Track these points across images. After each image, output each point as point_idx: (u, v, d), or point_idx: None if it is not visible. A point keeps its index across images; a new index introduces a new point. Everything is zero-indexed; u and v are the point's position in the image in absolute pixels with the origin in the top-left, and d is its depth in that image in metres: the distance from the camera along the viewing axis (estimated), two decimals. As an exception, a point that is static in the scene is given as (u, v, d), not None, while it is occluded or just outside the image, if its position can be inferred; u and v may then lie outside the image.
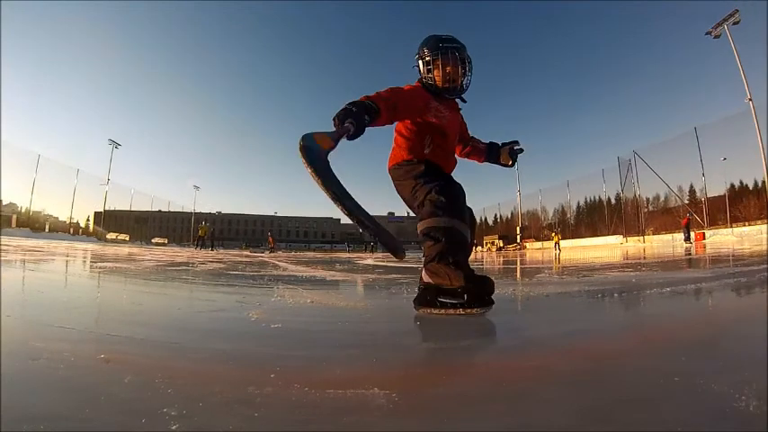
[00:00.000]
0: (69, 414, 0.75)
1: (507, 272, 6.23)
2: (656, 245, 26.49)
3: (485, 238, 60.07)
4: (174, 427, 0.69)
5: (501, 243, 54.85)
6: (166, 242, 60.31)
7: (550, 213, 57.61)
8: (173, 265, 6.69)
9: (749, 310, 1.91)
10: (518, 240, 50.77)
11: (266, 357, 1.20)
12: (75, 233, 49.13)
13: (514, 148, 2.57)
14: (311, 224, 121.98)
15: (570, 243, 40.25)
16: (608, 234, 40.78)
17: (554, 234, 34.01)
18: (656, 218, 40.39)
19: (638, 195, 39.52)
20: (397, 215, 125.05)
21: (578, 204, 54.34)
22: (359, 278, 4.76)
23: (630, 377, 1.01)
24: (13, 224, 36.74)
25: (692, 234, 25.90)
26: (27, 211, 43.26)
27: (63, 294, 2.76)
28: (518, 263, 9.95)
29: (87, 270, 5.22)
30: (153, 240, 59.21)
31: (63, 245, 16.76)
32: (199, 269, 5.78)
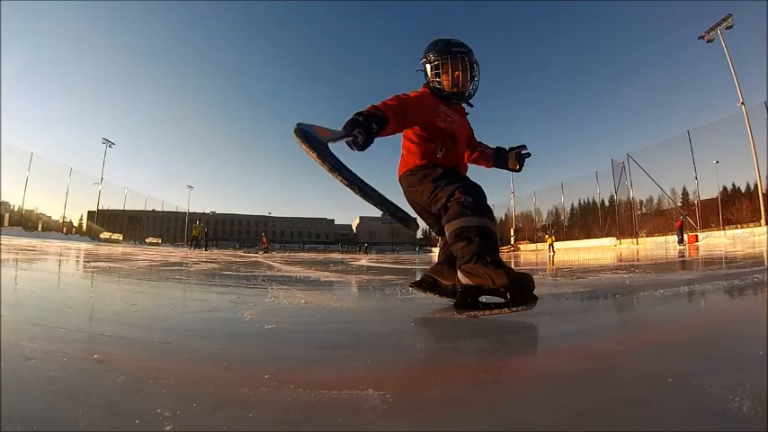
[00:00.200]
0: (60, 415, 0.74)
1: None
2: (649, 247, 26.63)
3: (479, 239, 60.05)
4: (168, 427, 0.69)
5: (495, 245, 54.86)
6: (160, 242, 60.00)
7: (544, 215, 57.76)
8: (166, 265, 6.66)
9: (742, 312, 1.93)
10: (512, 242, 50.87)
11: (260, 358, 1.19)
12: (69, 232, 48.79)
13: (521, 152, 2.58)
14: (305, 225, 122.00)
15: (564, 245, 40.35)
16: (601, 236, 40.99)
17: (548, 236, 34.09)
18: (649, 220, 40.62)
19: (631, 198, 39.75)
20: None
21: (572, 206, 54.63)
22: (353, 279, 4.76)
23: (624, 378, 1.02)
24: (6, 223, 36.49)
25: (685, 236, 26.06)
26: (20, 210, 42.93)
27: (56, 294, 2.75)
28: (512, 264, 9.97)
29: (80, 270, 5.19)
30: (146, 240, 58.88)
31: (56, 244, 16.65)
32: (192, 269, 5.75)
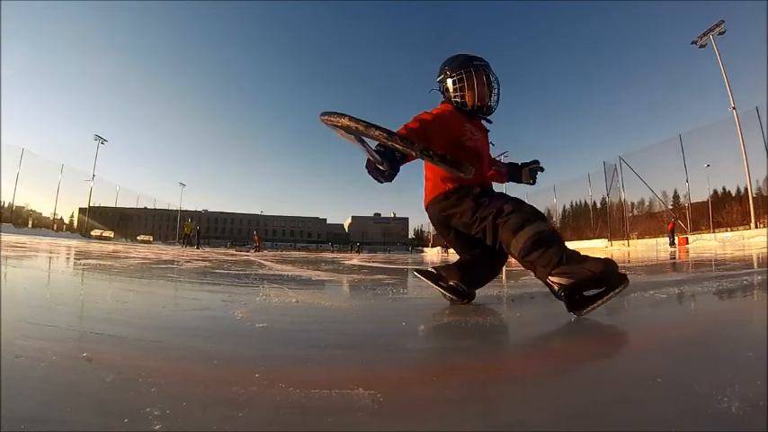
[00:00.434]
0: (50, 414, 0.74)
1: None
2: (640, 248, 26.80)
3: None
4: (158, 427, 0.69)
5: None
6: (151, 240, 59.55)
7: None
8: (158, 262, 6.62)
9: (732, 314, 1.95)
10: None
11: (251, 357, 1.19)
12: (59, 229, 48.41)
13: (533, 167, 2.59)
14: (297, 224, 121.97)
15: (556, 246, 40.44)
16: (593, 237, 41.23)
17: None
18: (640, 222, 40.92)
19: (623, 200, 39.96)
20: (383, 216, 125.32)
21: (564, 208, 55.02)
22: (344, 278, 4.76)
23: (613, 378, 1.02)
24: (-5, 220, 36.11)
25: (675, 238, 26.27)
26: (9, 206, 42.48)
27: (46, 291, 2.72)
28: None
29: (71, 267, 5.15)
30: (138, 238, 58.35)
31: (46, 241, 16.51)
32: (184, 267, 5.72)
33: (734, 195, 39.10)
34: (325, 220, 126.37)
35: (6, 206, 42.44)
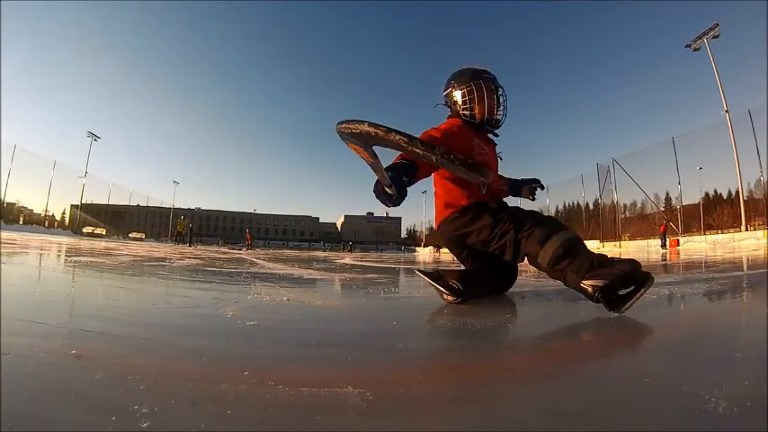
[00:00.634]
0: (37, 412, 0.73)
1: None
2: (632, 250, 27.03)
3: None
4: (145, 425, 0.68)
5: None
6: (144, 237, 59.29)
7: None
8: (150, 260, 6.58)
9: (722, 315, 1.96)
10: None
11: (241, 355, 1.19)
12: (51, 226, 48.08)
13: (534, 185, 2.61)
14: (290, 222, 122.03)
15: (549, 246, 40.66)
16: (585, 239, 41.32)
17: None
18: (632, 224, 41.30)
19: (615, 201, 40.27)
20: (376, 215, 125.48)
21: (557, 209, 55.31)
22: (336, 277, 4.76)
23: (601, 377, 1.03)
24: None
25: (667, 240, 26.49)
26: (0, 203, 42.11)
27: (36, 288, 2.70)
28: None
29: (62, 264, 5.11)
30: (130, 235, 58.08)
31: (37, 238, 16.38)
32: (176, 265, 5.69)
33: (725, 198, 39.47)
34: (318, 218, 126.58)
35: (-1, 203, 42.13)
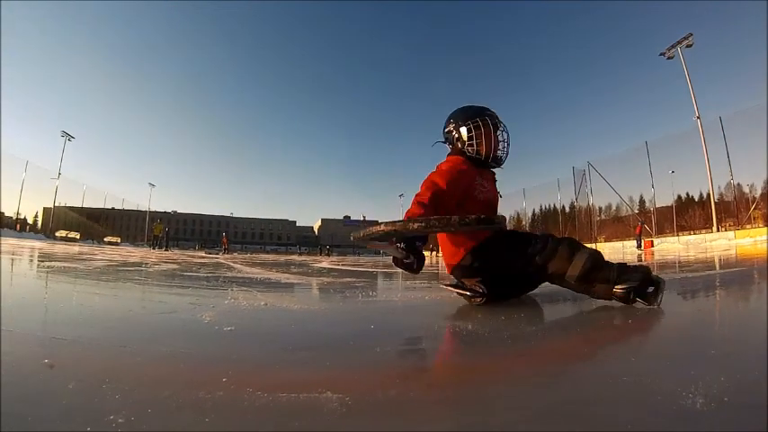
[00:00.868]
0: (7, 424, 0.72)
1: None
2: (607, 251, 27.42)
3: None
4: (121, 434, 0.68)
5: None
6: (119, 241, 58.05)
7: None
8: (125, 265, 6.46)
9: (697, 313, 2.02)
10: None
11: (218, 360, 1.18)
12: (22, 229, 46.75)
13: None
14: (267, 226, 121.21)
15: (526, 249, 41.15)
16: (562, 242, 41.98)
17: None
18: (607, 226, 42.11)
19: (591, 204, 40.92)
20: (353, 219, 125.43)
21: (533, 212, 56.20)
22: (314, 281, 4.74)
23: (580, 377, 1.05)
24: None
25: (642, 241, 27.08)
26: (-32, 206, 40.77)
27: (6, 294, 2.63)
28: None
29: (34, 269, 4.98)
30: (105, 239, 56.78)
31: (8, 242, 15.89)
32: (152, 270, 5.60)
33: (697, 200, 40.61)
34: (295, 222, 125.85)
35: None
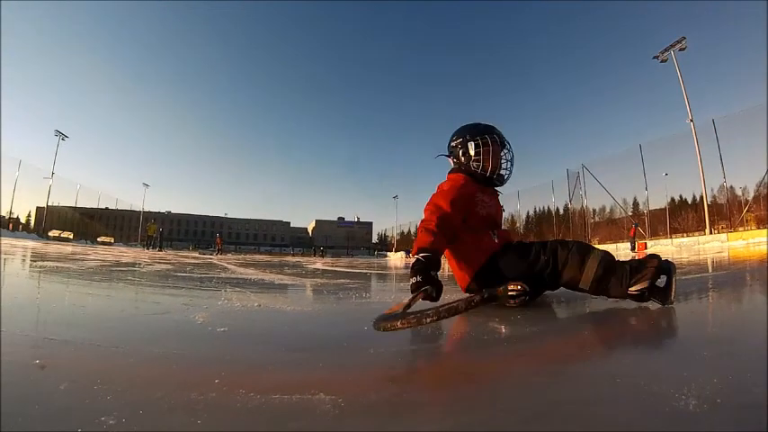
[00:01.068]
0: (6, 425, 0.71)
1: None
2: (602, 253, 27.53)
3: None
4: (112, 435, 0.67)
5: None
6: (113, 241, 57.62)
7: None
8: (118, 265, 6.43)
9: (690, 315, 2.03)
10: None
11: (211, 362, 1.18)
12: (15, 229, 46.39)
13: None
14: (261, 227, 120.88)
15: (520, 250, 41.31)
16: (557, 243, 42.14)
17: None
18: (601, 228, 42.31)
19: (585, 206, 41.12)
20: (347, 220, 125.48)
21: (528, 214, 56.57)
22: (307, 282, 4.73)
23: (572, 378, 1.05)
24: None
25: (636, 244, 27.22)
26: (-41, 205, 40.42)
27: (-3, 295, 2.61)
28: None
29: (26, 269, 4.95)
30: (99, 239, 56.36)
31: (1, 241, 15.78)
32: (145, 270, 5.58)
33: (690, 203, 40.88)
34: (289, 223, 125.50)
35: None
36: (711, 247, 20.61)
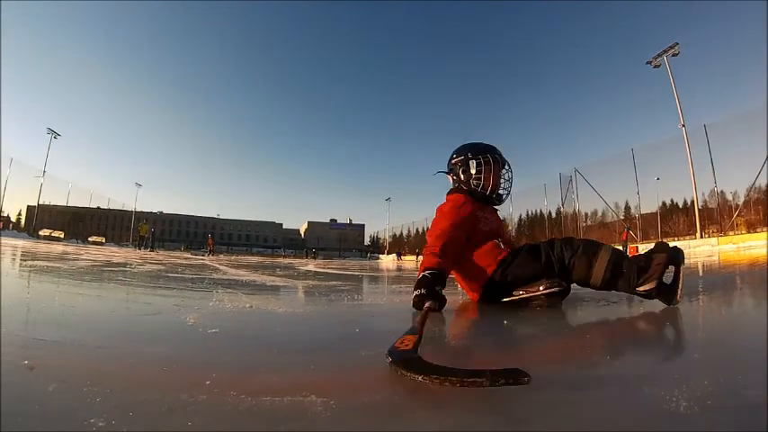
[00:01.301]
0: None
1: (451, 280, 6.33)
2: (594, 257, 27.67)
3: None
4: (102, 438, 0.67)
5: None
6: (104, 241, 57.21)
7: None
8: (109, 265, 6.39)
9: (680, 318, 2.04)
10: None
11: (202, 363, 1.17)
12: (5, 228, 45.94)
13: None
14: (253, 228, 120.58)
15: (512, 254, 41.50)
16: (550, 246, 42.37)
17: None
18: (593, 231, 42.55)
19: (577, 210, 41.36)
20: (339, 222, 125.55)
21: (520, 217, 56.81)
22: (299, 284, 4.73)
23: (572, 378, 1.06)
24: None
25: (628, 247, 27.39)
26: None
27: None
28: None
29: (16, 269, 4.90)
30: (90, 239, 55.89)
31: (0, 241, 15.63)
32: (136, 270, 5.54)
33: (681, 207, 41.27)
34: (282, 224, 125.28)
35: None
36: (702, 251, 20.78)
